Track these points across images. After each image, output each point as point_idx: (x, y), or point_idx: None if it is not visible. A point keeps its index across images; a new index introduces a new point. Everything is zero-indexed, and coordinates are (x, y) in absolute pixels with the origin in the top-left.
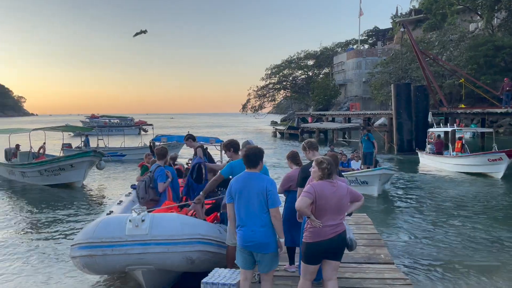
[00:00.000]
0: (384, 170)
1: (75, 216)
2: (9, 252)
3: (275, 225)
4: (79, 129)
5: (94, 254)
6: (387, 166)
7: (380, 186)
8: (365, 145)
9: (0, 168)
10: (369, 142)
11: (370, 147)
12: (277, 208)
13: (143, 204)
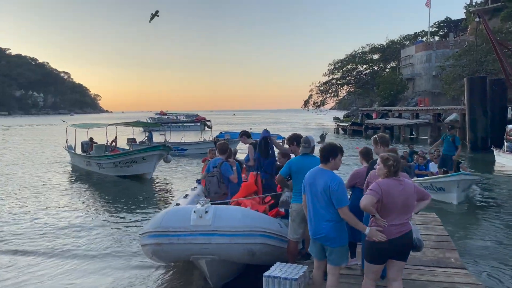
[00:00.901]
0: (463, 176)
1: (144, 206)
2: (86, 236)
3: (349, 223)
4: (147, 124)
5: (162, 242)
6: (469, 171)
7: (460, 193)
8: (447, 146)
9: (78, 159)
10: (452, 145)
11: (452, 150)
12: (343, 208)
13: (216, 199)
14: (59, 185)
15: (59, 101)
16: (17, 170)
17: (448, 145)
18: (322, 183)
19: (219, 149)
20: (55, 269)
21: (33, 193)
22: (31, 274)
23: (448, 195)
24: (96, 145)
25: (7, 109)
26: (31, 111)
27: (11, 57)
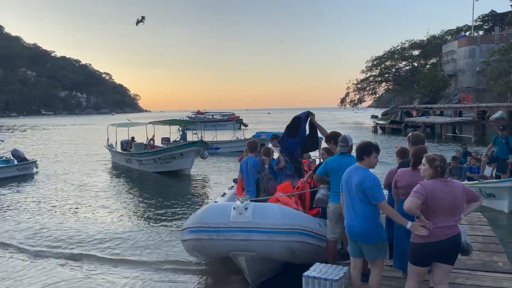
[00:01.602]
0: None
1: (183, 202)
2: (126, 229)
3: (391, 218)
4: (184, 123)
5: (202, 238)
6: None
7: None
8: (500, 148)
9: (118, 157)
10: (506, 147)
11: (506, 152)
12: (381, 203)
13: (267, 195)
14: (101, 182)
15: (101, 101)
16: (61, 167)
17: (501, 147)
18: (356, 181)
19: (249, 147)
20: (97, 260)
21: (77, 189)
22: (78, 267)
23: (499, 202)
24: (136, 143)
25: (53, 109)
26: (74, 111)
27: (56, 59)
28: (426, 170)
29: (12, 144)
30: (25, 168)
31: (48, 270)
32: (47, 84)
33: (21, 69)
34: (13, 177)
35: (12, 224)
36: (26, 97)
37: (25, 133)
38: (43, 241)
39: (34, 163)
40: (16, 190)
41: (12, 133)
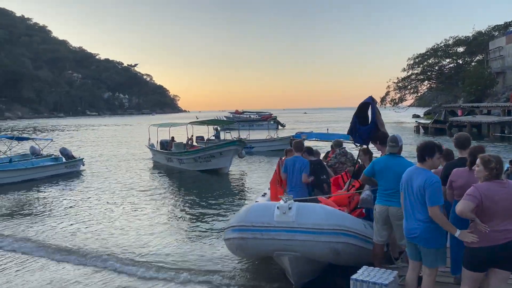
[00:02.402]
0: None
1: (223, 200)
2: (168, 227)
3: (439, 223)
4: (222, 123)
5: (246, 237)
6: None
7: None
8: None
9: (159, 156)
10: None
11: None
12: (433, 207)
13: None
14: (143, 179)
15: (142, 102)
16: (105, 165)
17: None
18: (417, 182)
19: (295, 147)
20: (140, 256)
21: (119, 186)
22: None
23: None
24: (176, 143)
25: (97, 110)
26: (117, 111)
27: (100, 61)
28: (480, 172)
29: (60, 142)
30: (73, 165)
31: (94, 264)
32: (91, 86)
33: (68, 71)
34: (61, 174)
35: (58, 218)
36: (72, 98)
37: (72, 133)
38: (87, 237)
39: (80, 161)
40: (64, 186)
41: (62, 132)
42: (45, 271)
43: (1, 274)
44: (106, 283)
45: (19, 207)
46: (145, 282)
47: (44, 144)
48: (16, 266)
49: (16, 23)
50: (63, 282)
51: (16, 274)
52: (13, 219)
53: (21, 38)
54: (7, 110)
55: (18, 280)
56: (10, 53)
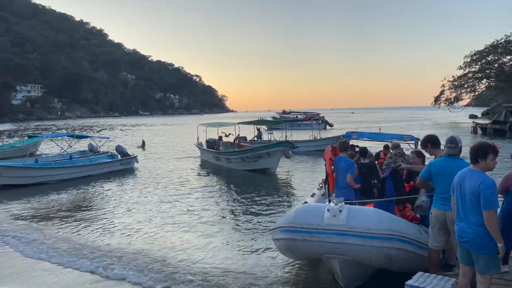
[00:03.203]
0: None
1: (270, 200)
2: (216, 225)
3: (488, 229)
4: (269, 123)
5: (295, 238)
6: None
7: None
8: None
9: (207, 155)
10: None
11: None
12: (490, 211)
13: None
14: (192, 177)
15: (191, 102)
16: (157, 162)
17: None
18: (470, 185)
19: (340, 146)
20: (189, 252)
21: (170, 183)
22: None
23: None
24: (223, 142)
25: (149, 109)
26: (168, 111)
27: (152, 63)
28: None
29: (117, 140)
30: (127, 162)
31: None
32: (144, 87)
33: (123, 73)
34: (117, 170)
35: (113, 214)
36: (126, 99)
37: (126, 131)
38: (138, 232)
39: (134, 158)
40: (119, 183)
41: (121, 131)
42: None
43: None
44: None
45: (80, 201)
46: (189, 282)
47: (101, 142)
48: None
49: (76, 28)
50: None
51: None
52: (73, 213)
53: (80, 41)
54: (67, 110)
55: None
56: (70, 56)
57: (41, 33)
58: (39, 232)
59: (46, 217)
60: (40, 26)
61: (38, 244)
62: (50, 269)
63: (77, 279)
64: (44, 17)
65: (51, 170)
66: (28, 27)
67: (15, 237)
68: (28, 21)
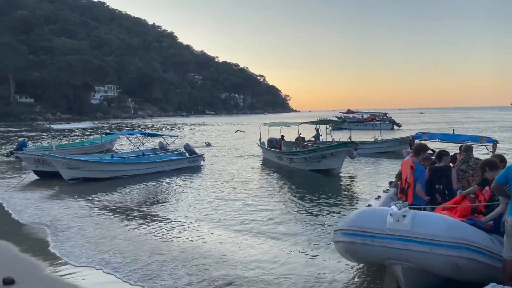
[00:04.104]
0: None
1: (333, 201)
2: (278, 224)
3: None
4: (333, 122)
5: (355, 241)
6: None
7: None
8: None
9: (270, 154)
10: None
11: None
12: None
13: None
14: (255, 175)
15: (255, 102)
16: (222, 161)
17: None
18: None
19: (414, 150)
20: (248, 250)
21: (234, 181)
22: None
23: None
24: (285, 142)
25: (215, 109)
26: (232, 110)
27: (219, 64)
28: None
29: (183, 139)
30: (194, 160)
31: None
32: (210, 87)
33: (191, 73)
34: (185, 168)
35: (180, 209)
36: (194, 99)
37: (194, 130)
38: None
39: (201, 157)
40: (187, 180)
41: (189, 130)
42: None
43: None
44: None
45: (149, 196)
46: (247, 282)
47: (170, 140)
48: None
49: (149, 31)
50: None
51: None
52: (141, 206)
53: (152, 44)
54: (140, 109)
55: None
56: (143, 58)
57: (117, 36)
58: (108, 222)
59: (117, 209)
60: (116, 30)
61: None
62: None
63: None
64: (120, 22)
65: (125, 166)
66: (106, 31)
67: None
68: (107, 26)
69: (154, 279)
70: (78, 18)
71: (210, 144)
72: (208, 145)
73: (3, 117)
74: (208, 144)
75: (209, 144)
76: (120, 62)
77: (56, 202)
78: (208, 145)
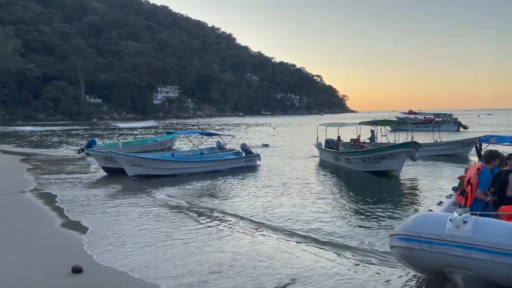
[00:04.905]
0: None
1: (391, 205)
2: (333, 226)
3: None
4: (394, 123)
5: (412, 247)
6: None
7: None
8: None
9: (327, 155)
10: None
11: None
12: None
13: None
14: (311, 176)
15: (311, 102)
16: (278, 161)
17: None
18: None
19: (484, 157)
20: (303, 253)
21: (290, 181)
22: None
23: None
24: (343, 142)
25: (270, 109)
26: (288, 111)
27: (275, 64)
28: None
29: (240, 139)
30: (251, 160)
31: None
32: (267, 87)
33: (247, 74)
34: (241, 167)
35: (241, 207)
36: (250, 99)
37: (250, 130)
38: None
39: (257, 156)
40: (243, 179)
41: (245, 130)
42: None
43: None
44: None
45: (208, 194)
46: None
47: (227, 140)
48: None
49: (208, 33)
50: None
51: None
52: (201, 205)
53: (211, 46)
54: (198, 109)
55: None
56: (203, 59)
57: (179, 39)
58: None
59: (177, 206)
60: (178, 33)
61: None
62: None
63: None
64: (181, 25)
65: (184, 164)
66: (168, 34)
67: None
68: (169, 29)
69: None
70: (143, 22)
71: (268, 144)
72: (265, 145)
73: (75, 116)
74: (266, 145)
75: (267, 145)
76: (180, 63)
77: (120, 199)
78: (265, 145)
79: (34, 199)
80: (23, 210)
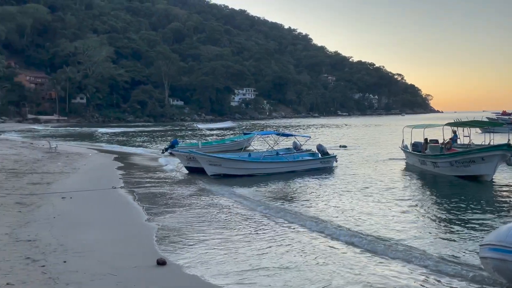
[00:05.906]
0: None
1: (481, 212)
2: (416, 234)
3: None
4: (486, 124)
5: (506, 259)
6: None
7: None
8: None
9: (412, 158)
10: None
11: None
12: None
13: None
14: (393, 180)
15: (391, 102)
16: (356, 163)
17: None
18: None
19: None
20: (368, 261)
21: (369, 186)
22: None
23: None
24: (431, 145)
25: (347, 110)
26: (366, 111)
27: (353, 64)
28: None
29: (316, 139)
30: (327, 161)
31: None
32: (344, 87)
33: (323, 74)
34: (317, 168)
35: (318, 208)
36: (326, 99)
37: (326, 131)
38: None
39: (334, 158)
40: (319, 180)
41: (321, 130)
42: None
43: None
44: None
45: (283, 197)
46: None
47: (303, 140)
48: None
49: (284, 35)
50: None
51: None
52: (276, 208)
53: (288, 47)
54: (274, 110)
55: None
56: (279, 61)
57: (256, 41)
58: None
59: (253, 208)
60: (255, 36)
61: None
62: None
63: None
64: (258, 28)
65: (260, 164)
66: (246, 37)
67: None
68: (246, 32)
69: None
70: (222, 27)
71: (346, 146)
72: (343, 147)
73: (160, 117)
74: (343, 146)
75: (345, 146)
76: (257, 66)
77: (201, 198)
78: (343, 147)
79: (124, 195)
80: (114, 205)
